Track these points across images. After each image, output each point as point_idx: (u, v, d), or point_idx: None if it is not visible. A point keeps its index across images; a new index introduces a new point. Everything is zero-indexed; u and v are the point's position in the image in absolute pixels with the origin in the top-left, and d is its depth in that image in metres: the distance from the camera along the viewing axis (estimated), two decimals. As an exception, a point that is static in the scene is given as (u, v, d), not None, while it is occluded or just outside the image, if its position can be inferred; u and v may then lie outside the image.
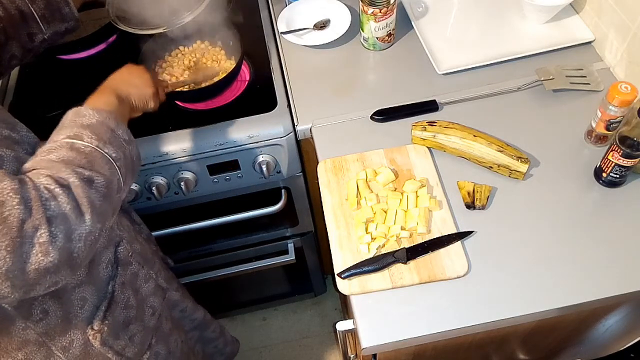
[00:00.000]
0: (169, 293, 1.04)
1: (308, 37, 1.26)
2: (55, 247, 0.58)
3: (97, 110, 0.72)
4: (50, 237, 0.58)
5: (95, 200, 0.63)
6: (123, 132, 0.74)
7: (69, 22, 0.95)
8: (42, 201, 0.58)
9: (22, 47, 0.90)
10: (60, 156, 0.64)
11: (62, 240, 0.59)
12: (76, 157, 0.65)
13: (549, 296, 0.84)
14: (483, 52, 1.17)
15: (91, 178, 0.64)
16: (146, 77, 0.89)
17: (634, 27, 1.00)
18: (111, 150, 0.69)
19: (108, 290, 0.84)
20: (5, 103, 1.23)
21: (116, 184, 0.69)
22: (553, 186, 0.96)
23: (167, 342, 1.01)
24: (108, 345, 0.84)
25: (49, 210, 0.58)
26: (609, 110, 0.92)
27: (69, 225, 0.60)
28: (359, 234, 0.91)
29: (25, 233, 0.56)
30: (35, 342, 0.76)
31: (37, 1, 0.89)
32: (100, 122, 0.71)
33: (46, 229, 0.57)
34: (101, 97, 0.79)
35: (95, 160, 0.67)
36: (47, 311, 0.75)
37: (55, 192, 0.60)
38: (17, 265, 0.56)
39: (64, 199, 0.60)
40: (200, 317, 1.19)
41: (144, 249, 0.99)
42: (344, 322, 0.92)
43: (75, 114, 0.71)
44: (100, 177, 0.65)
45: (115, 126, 0.73)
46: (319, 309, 1.87)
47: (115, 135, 0.72)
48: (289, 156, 1.17)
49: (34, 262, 0.57)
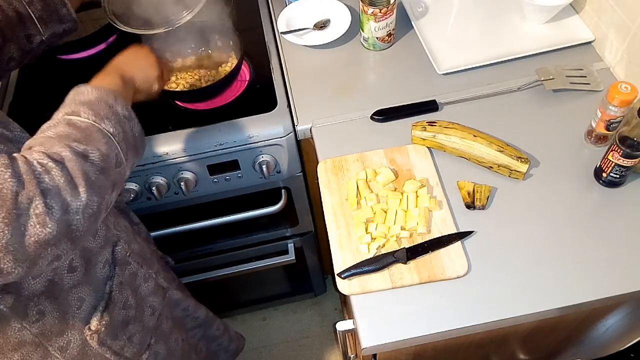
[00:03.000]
0: (170, 292, 1.04)
1: (308, 37, 1.26)
2: (53, 219, 0.58)
3: (97, 88, 0.72)
4: (46, 208, 0.58)
5: (90, 173, 0.63)
6: (122, 108, 0.73)
7: (67, 23, 0.95)
8: (35, 175, 0.58)
9: (20, 49, 0.90)
10: (56, 132, 0.65)
11: (58, 212, 0.59)
12: (72, 132, 0.65)
13: (549, 296, 0.84)
14: (483, 52, 1.17)
15: (86, 152, 0.64)
16: (151, 59, 0.89)
17: (634, 27, 1.00)
18: (109, 126, 0.69)
19: (105, 290, 0.84)
20: (5, 103, 1.23)
21: (114, 159, 0.68)
22: (553, 186, 0.96)
23: (167, 341, 1.01)
24: (106, 345, 0.84)
25: (43, 183, 0.58)
26: (609, 110, 0.92)
27: (64, 197, 0.60)
28: (359, 234, 0.91)
29: (21, 205, 0.56)
30: (32, 343, 0.76)
31: (34, 3, 0.89)
32: (99, 99, 0.71)
33: (41, 200, 0.57)
34: (105, 78, 0.79)
35: (92, 134, 0.66)
36: (43, 312, 0.74)
37: (48, 166, 0.60)
38: (16, 237, 0.56)
39: (57, 173, 0.60)
40: (203, 316, 1.20)
41: (142, 248, 0.98)
42: (344, 322, 0.92)
43: (75, 93, 0.71)
44: (96, 151, 0.65)
45: (113, 102, 0.72)
46: (319, 309, 1.87)
47: (113, 111, 0.71)
48: (289, 156, 1.17)
49: (33, 234, 0.57)
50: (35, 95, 1.25)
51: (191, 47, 1.19)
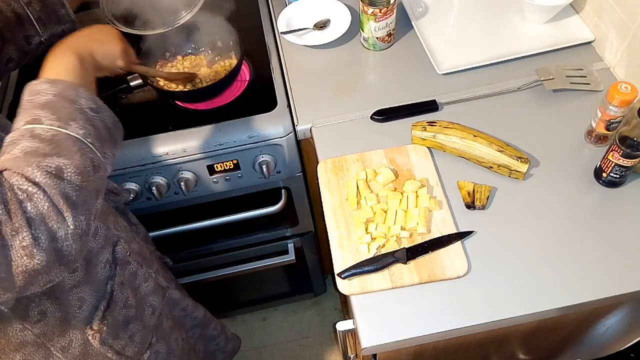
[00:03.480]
0: (169, 292, 1.04)
1: (308, 37, 1.26)
2: (40, 250, 0.56)
3: (52, 83, 0.64)
4: (33, 239, 0.55)
5: (70, 193, 0.58)
6: (87, 101, 0.66)
7: (66, 24, 0.94)
8: (20, 203, 0.55)
9: (19, 50, 0.90)
10: (22, 148, 0.58)
11: (45, 241, 0.56)
12: (39, 147, 0.59)
13: (549, 296, 0.84)
14: (483, 52, 1.17)
15: (59, 170, 0.58)
16: (112, 33, 0.82)
17: (634, 27, 1.00)
18: (76, 128, 0.62)
19: (107, 290, 0.84)
20: (5, 103, 1.23)
21: (90, 165, 0.62)
22: (553, 186, 0.96)
23: (167, 340, 1.01)
24: (107, 344, 0.84)
25: (27, 213, 0.55)
26: (609, 110, 0.92)
27: (50, 226, 0.56)
28: (359, 234, 0.91)
29: (5, 236, 0.54)
30: (34, 343, 0.75)
31: (33, 4, 0.88)
32: (58, 96, 0.63)
33: (27, 232, 0.55)
34: (58, 60, 0.70)
35: (60, 144, 0.60)
36: (44, 312, 0.74)
37: (29, 192, 0.56)
38: (3, 268, 0.54)
39: (39, 199, 0.56)
40: (201, 315, 1.19)
41: (142, 248, 0.98)
42: (344, 322, 0.92)
43: (29, 93, 0.64)
44: (70, 165, 0.59)
45: (75, 96, 0.64)
46: (319, 309, 1.87)
47: (77, 107, 0.64)
48: (289, 156, 1.17)
49: (20, 265, 0.55)
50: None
51: (191, 47, 1.19)
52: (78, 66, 0.71)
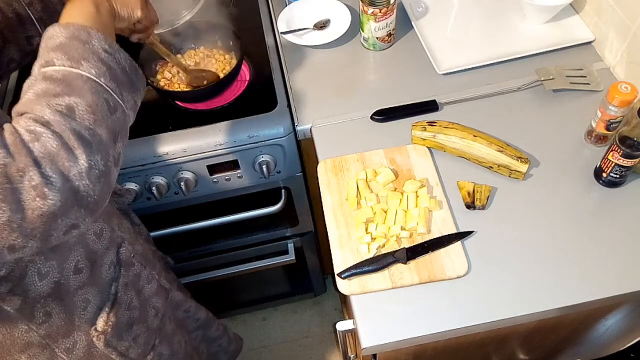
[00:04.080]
0: (172, 293, 1.04)
1: (308, 37, 1.26)
2: (53, 189, 0.54)
3: (65, 26, 0.63)
4: (43, 178, 0.53)
5: (82, 131, 0.57)
6: (100, 42, 0.64)
7: None
8: (25, 144, 0.54)
9: (20, 51, 0.90)
10: (35, 91, 0.58)
11: (58, 180, 0.54)
12: (50, 87, 0.58)
13: (549, 296, 0.84)
14: (483, 52, 1.17)
15: (69, 107, 0.57)
16: None
17: (634, 27, 1.00)
18: (88, 67, 0.61)
19: (111, 292, 0.84)
20: (5, 103, 1.23)
21: (105, 104, 0.61)
22: (553, 186, 0.96)
23: (170, 342, 1.01)
24: (112, 346, 0.84)
25: (33, 153, 0.54)
26: (609, 110, 0.92)
27: (62, 163, 0.54)
28: (359, 234, 0.91)
29: (12, 178, 0.52)
30: (39, 345, 0.76)
31: (34, 4, 0.88)
32: (70, 37, 0.62)
33: (35, 171, 0.53)
34: (74, 6, 0.69)
35: (71, 83, 0.59)
36: (49, 313, 0.74)
37: (37, 132, 0.54)
38: (17, 213, 0.52)
39: (47, 137, 0.54)
40: (204, 317, 1.20)
41: (145, 249, 0.99)
42: (344, 322, 0.92)
43: (45, 38, 0.63)
44: (81, 103, 0.58)
45: (87, 38, 0.63)
46: (319, 309, 1.87)
47: (89, 48, 0.62)
48: (289, 156, 1.17)
49: (35, 207, 0.53)
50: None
51: (191, 47, 1.19)
52: (94, 11, 0.69)
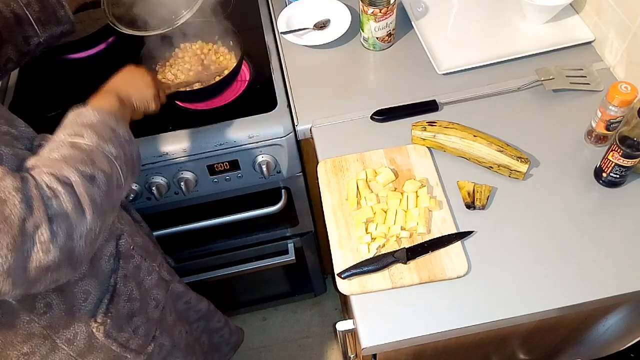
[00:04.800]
0: (173, 285, 1.05)
1: (308, 37, 1.26)
2: (56, 246, 0.59)
3: (98, 110, 0.73)
4: (52, 235, 0.58)
5: (96, 197, 0.64)
6: (124, 132, 0.75)
7: (65, 25, 0.95)
8: (44, 200, 0.59)
9: (18, 51, 0.90)
10: (62, 154, 0.65)
11: (63, 238, 0.59)
12: (77, 155, 0.66)
13: (549, 296, 0.84)
14: (483, 52, 1.17)
15: (93, 175, 0.65)
16: (147, 79, 0.89)
17: (634, 27, 1.00)
18: (111, 148, 0.70)
19: (110, 283, 0.85)
20: (5, 103, 1.23)
21: (115, 182, 0.69)
22: (553, 186, 0.96)
23: (171, 333, 1.02)
24: (112, 337, 0.85)
25: (50, 209, 0.59)
26: (609, 110, 0.92)
27: (70, 223, 0.60)
28: (359, 234, 0.91)
29: (27, 231, 0.56)
30: (40, 335, 0.77)
31: (32, 4, 0.89)
32: (101, 122, 0.72)
33: (47, 228, 0.58)
34: (103, 99, 0.80)
35: (96, 157, 0.67)
36: (50, 304, 0.76)
37: (57, 191, 0.60)
38: (19, 263, 0.56)
39: (66, 198, 0.60)
40: (205, 308, 1.21)
41: (145, 242, 0.99)
42: (344, 322, 0.92)
43: (76, 114, 0.72)
44: (102, 175, 0.66)
45: (115, 125, 0.74)
46: (319, 309, 1.87)
47: (115, 134, 0.73)
48: (289, 156, 1.17)
49: (35, 260, 0.58)
50: (36, 95, 1.25)
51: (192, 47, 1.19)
52: (119, 106, 0.80)
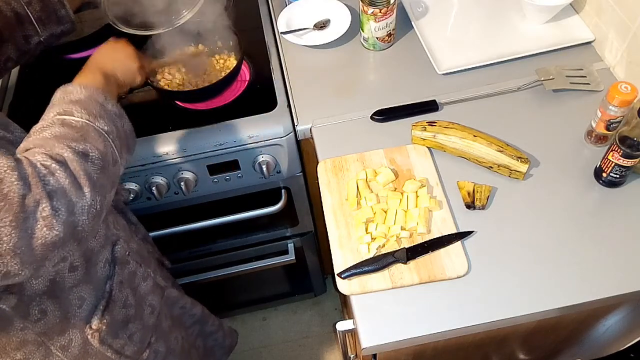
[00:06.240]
0: (168, 291, 1.05)
1: (308, 37, 1.26)
2: (59, 221, 0.59)
3: (85, 86, 0.73)
4: (53, 211, 0.59)
5: (92, 173, 0.64)
6: (113, 106, 0.75)
7: (65, 24, 0.95)
8: (40, 177, 0.59)
9: (17, 50, 0.90)
10: (53, 133, 0.65)
11: (65, 213, 0.60)
12: (69, 132, 0.66)
13: (549, 296, 0.84)
14: (483, 52, 1.17)
15: (86, 151, 0.65)
16: (129, 51, 0.89)
17: (634, 27, 1.00)
18: (102, 124, 0.70)
19: (106, 290, 0.84)
20: (5, 103, 1.23)
21: (110, 157, 0.69)
22: (553, 186, 0.96)
23: (166, 339, 1.01)
24: (107, 344, 0.85)
25: (48, 186, 0.59)
26: (609, 110, 0.92)
27: (70, 199, 0.61)
28: (359, 234, 0.91)
29: (27, 208, 0.57)
30: (34, 342, 0.76)
31: (32, 3, 0.89)
32: (89, 97, 0.72)
33: (48, 203, 0.58)
34: (87, 76, 0.80)
35: (88, 134, 0.67)
36: (45, 311, 0.75)
37: (52, 168, 0.60)
38: (24, 240, 0.57)
39: (62, 174, 0.61)
40: (199, 312, 1.20)
41: (140, 247, 0.99)
42: (344, 322, 0.92)
43: (63, 92, 0.72)
44: (95, 150, 0.66)
45: (103, 100, 0.73)
46: (319, 309, 1.87)
47: (105, 109, 0.72)
48: (289, 156, 1.17)
49: (40, 237, 0.58)
50: (36, 95, 1.25)
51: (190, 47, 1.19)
52: (104, 82, 0.79)
